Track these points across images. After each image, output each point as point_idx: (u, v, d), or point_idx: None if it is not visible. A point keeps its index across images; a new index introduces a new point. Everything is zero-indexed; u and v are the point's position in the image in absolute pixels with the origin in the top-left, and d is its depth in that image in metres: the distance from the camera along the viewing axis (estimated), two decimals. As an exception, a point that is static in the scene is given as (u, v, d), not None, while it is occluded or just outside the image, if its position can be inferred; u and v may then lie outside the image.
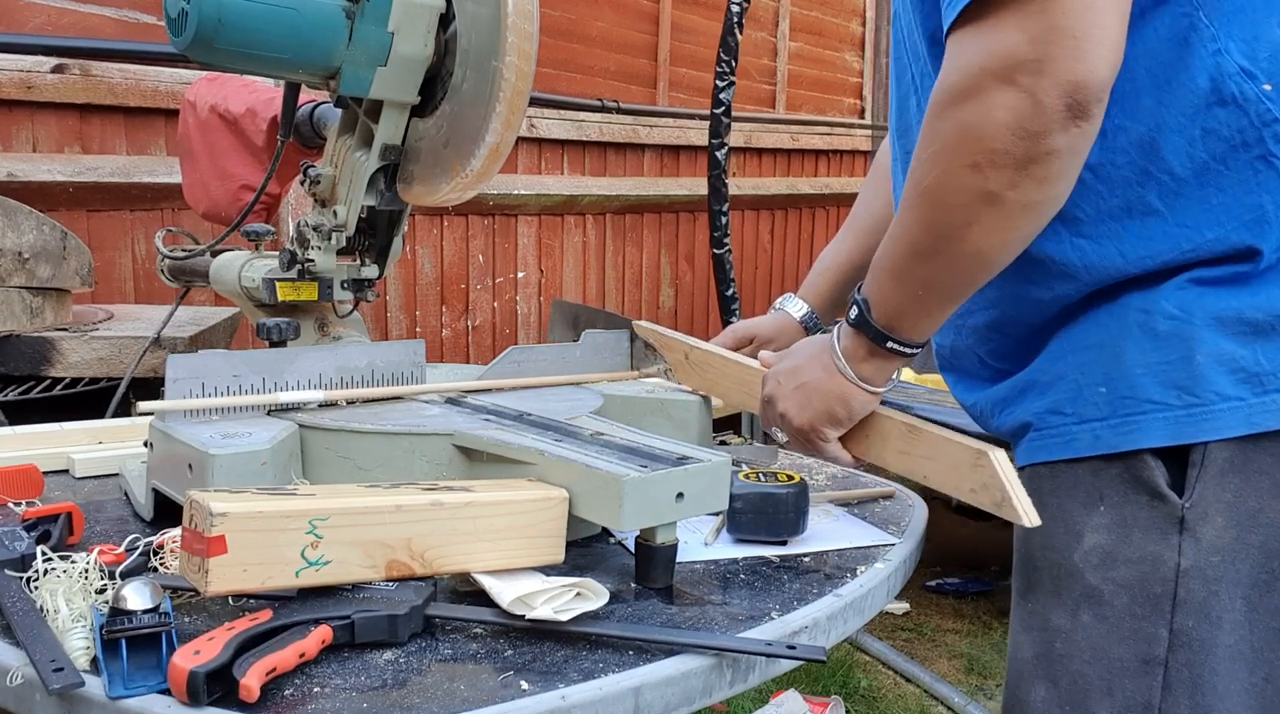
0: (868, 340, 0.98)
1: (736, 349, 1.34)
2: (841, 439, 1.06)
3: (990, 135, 0.81)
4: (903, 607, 3.30)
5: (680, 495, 0.94)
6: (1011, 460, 0.96)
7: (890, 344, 0.97)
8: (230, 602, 0.89)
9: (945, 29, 0.85)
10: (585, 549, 1.09)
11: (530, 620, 0.85)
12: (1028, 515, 0.92)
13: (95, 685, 0.74)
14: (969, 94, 0.82)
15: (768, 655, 0.87)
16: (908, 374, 3.22)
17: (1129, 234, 0.91)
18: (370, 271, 1.38)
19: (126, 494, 1.20)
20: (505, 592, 0.87)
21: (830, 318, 1.43)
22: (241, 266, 1.44)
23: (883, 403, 1.05)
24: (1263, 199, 0.88)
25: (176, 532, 0.93)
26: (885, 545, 1.15)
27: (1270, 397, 0.88)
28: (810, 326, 1.40)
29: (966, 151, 0.83)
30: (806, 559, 1.10)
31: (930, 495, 1.28)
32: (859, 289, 0.99)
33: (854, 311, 0.98)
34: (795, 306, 1.41)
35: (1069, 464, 0.96)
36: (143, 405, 1.07)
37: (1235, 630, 0.90)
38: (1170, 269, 0.91)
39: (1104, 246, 0.92)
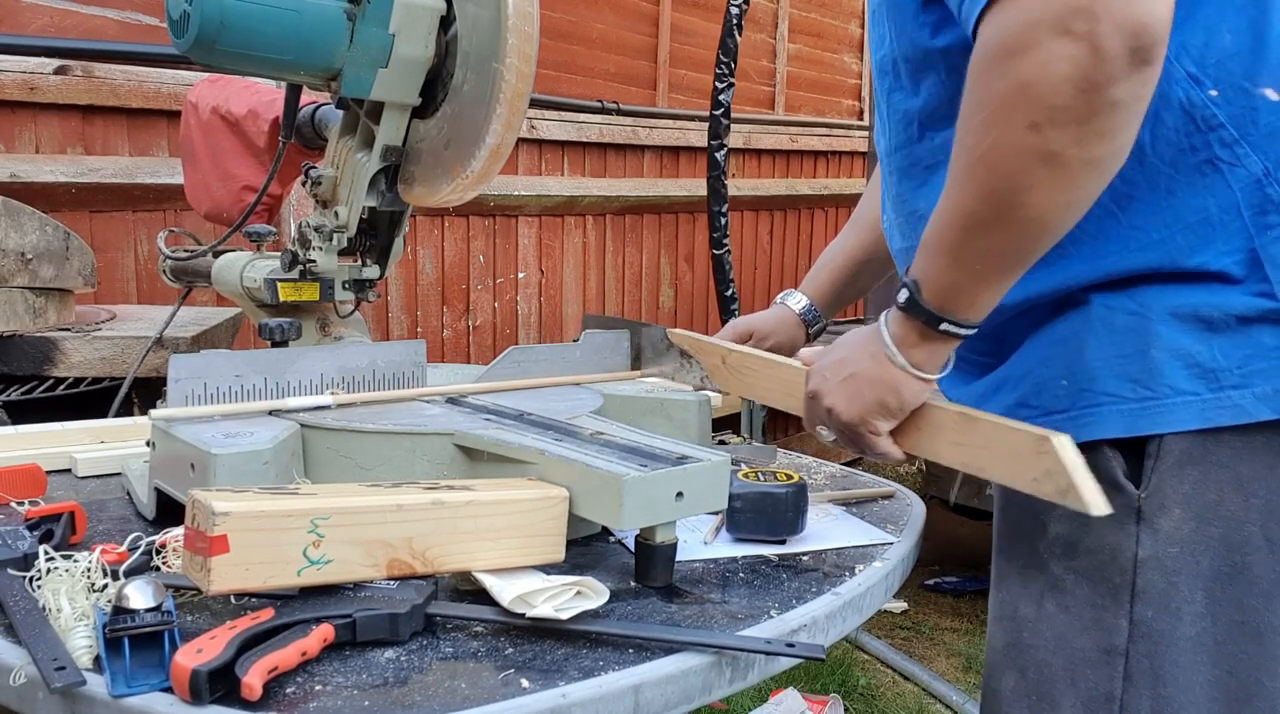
0: (920, 323, 0.91)
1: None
2: (892, 433, 0.99)
3: (1050, 91, 0.75)
4: (901, 605, 3.30)
5: (680, 494, 0.95)
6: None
7: (944, 326, 0.90)
8: (232, 600, 0.89)
9: (974, 18, 0.81)
10: (585, 548, 1.09)
11: (531, 619, 0.85)
12: (1095, 504, 0.85)
13: (98, 684, 0.75)
14: (1020, 50, 0.76)
15: (767, 653, 0.87)
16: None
17: (1081, 233, 0.90)
18: (371, 272, 1.39)
19: (129, 493, 1.21)
20: (506, 590, 0.87)
21: (831, 313, 1.43)
22: (243, 267, 1.44)
23: None
24: (1208, 202, 0.89)
25: (179, 531, 0.94)
26: (883, 544, 1.15)
27: (1224, 393, 0.88)
28: (810, 321, 1.40)
29: (1024, 112, 0.77)
30: (805, 558, 1.10)
31: (928, 495, 1.29)
32: (906, 272, 0.94)
33: (903, 294, 0.92)
34: (795, 300, 1.41)
35: None
36: (155, 412, 1.07)
37: (1196, 622, 0.91)
38: (1124, 269, 0.91)
39: (1059, 242, 0.90)
